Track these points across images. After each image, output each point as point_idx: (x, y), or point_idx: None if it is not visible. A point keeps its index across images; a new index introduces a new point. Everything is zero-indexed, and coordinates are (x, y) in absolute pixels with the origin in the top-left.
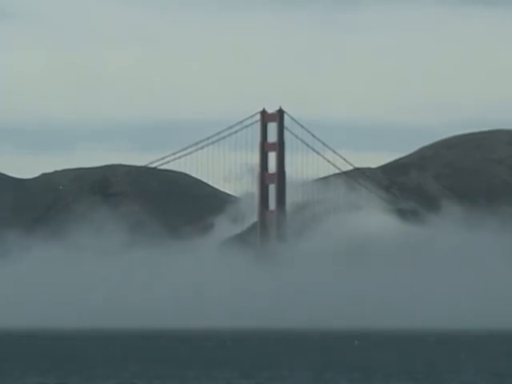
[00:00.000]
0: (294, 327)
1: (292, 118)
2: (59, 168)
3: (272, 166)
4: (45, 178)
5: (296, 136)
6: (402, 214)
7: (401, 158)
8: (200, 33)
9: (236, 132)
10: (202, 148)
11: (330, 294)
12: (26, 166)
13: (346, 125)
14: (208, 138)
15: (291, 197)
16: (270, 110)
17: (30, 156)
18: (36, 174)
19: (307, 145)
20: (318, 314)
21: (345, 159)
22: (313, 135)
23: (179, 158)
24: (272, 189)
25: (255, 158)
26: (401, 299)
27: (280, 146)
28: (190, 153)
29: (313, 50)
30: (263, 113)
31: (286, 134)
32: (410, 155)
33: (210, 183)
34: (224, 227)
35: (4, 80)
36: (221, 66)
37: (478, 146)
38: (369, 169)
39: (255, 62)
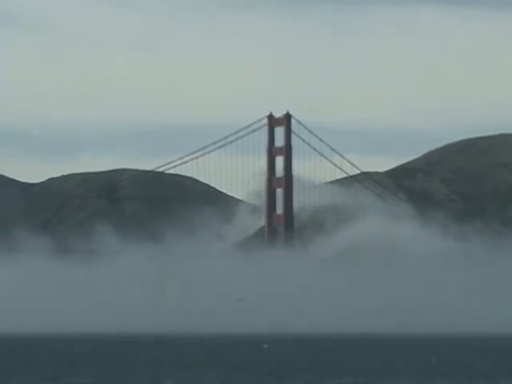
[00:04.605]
0: (300, 331)
1: (299, 122)
2: (66, 172)
3: (279, 170)
4: (51, 182)
5: (303, 140)
6: (408, 217)
7: (408, 163)
8: (206, 36)
9: (243, 136)
10: (210, 152)
11: (333, 298)
12: (33, 171)
13: (353, 129)
14: (215, 143)
15: (298, 201)
16: (277, 114)
17: (36, 161)
18: (43, 179)
19: (314, 149)
20: (323, 319)
21: (352, 163)
22: (320, 139)
23: (186, 162)
24: (279, 193)
25: (262, 163)
26: (411, 304)
27: (287, 150)
28: (197, 157)
29: (320, 54)
30: (270, 117)
31: (294, 138)
32: (417, 160)
33: (218, 187)
34: (231, 231)
35: (9, 85)
36: (227, 71)
37: (483, 151)
38: (376, 173)
39: (262, 66)
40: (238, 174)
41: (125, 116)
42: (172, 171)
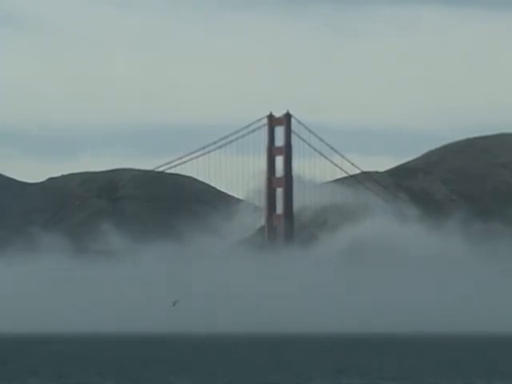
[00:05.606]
0: (301, 331)
1: (299, 122)
2: (66, 172)
3: (279, 169)
4: (51, 182)
5: (303, 140)
6: (409, 217)
7: (408, 162)
8: (206, 36)
9: (243, 136)
10: (210, 152)
11: (334, 298)
12: (33, 171)
13: (353, 129)
14: (215, 143)
15: (298, 200)
16: (277, 113)
17: (36, 161)
18: (43, 179)
19: (314, 149)
20: (323, 319)
21: (352, 163)
22: (320, 139)
23: (186, 162)
24: (279, 193)
25: (262, 162)
26: (411, 304)
27: (287, 150)
28: (197, 157)
29: (320, 54)
30: (270, 117)
31: (294, 138)
32: (417, 159)
33: (218, 187)
34: (232, 231)
35: (9, 85)
36: (227, 71)
37: (483, 151)
38: (376, 172)
39: (262, 66)
40: (238, 174)
41: (125, 116)
42: (172, 171)
